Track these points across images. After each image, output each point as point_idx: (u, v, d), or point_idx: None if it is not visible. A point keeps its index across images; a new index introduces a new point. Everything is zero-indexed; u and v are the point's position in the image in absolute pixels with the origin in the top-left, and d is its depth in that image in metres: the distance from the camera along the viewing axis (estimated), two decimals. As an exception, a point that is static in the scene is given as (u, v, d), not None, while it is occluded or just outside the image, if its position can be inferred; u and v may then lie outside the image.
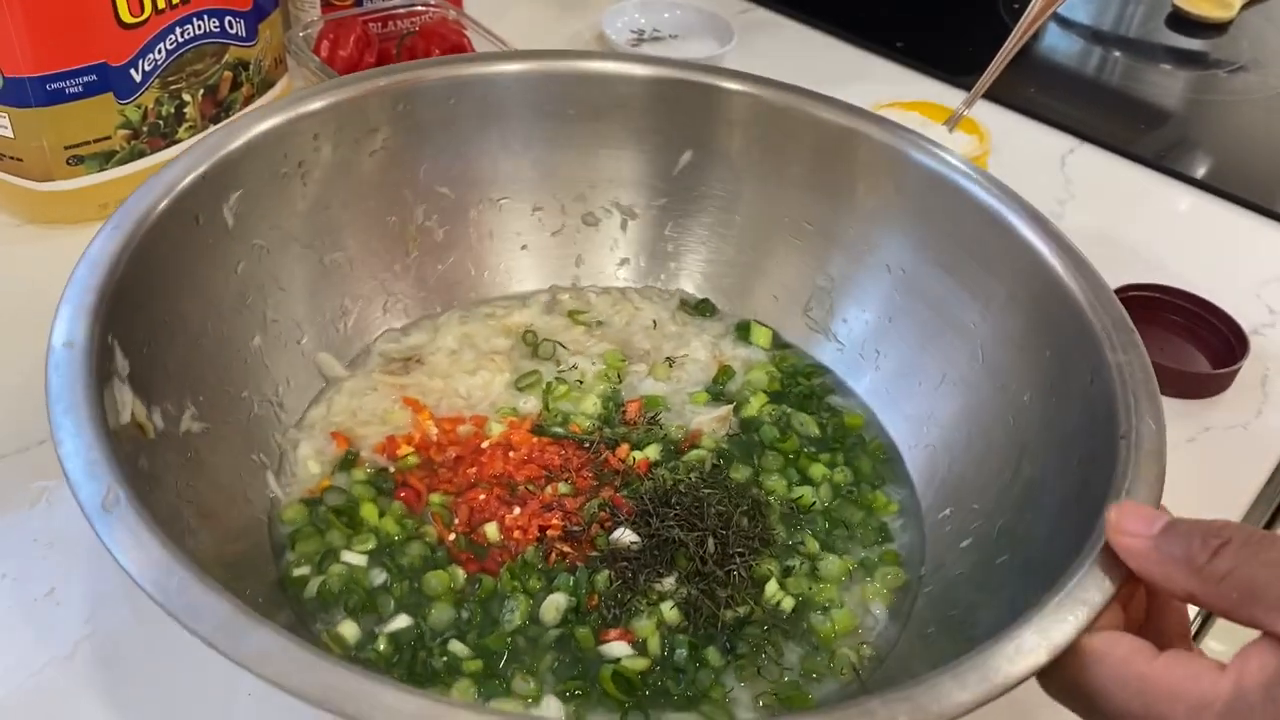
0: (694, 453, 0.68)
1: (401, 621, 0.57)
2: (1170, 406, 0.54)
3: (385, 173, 0.73)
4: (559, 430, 0.69)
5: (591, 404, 0.71)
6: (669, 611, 0.59)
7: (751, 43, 1.14)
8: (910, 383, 0.72)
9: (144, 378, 0.54)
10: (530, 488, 0.64)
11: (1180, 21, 1.29)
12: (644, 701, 0.55)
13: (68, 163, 0.79)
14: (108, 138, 0.80)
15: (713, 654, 0.57)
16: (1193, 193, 1.00)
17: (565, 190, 0.79)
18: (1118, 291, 0.59)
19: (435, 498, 0.63)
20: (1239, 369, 0.79)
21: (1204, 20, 1.28)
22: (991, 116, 1.01)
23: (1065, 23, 1.27)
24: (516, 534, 0.62)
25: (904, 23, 1.20)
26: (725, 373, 0.74)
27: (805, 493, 0.66)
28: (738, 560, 0.61)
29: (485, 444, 0.67)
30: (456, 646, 0.56)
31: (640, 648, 0.57)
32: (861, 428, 0.72)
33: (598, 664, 0.56)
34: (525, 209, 0.79)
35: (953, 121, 0.91)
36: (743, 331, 0.78)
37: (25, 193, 0.80)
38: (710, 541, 0.61)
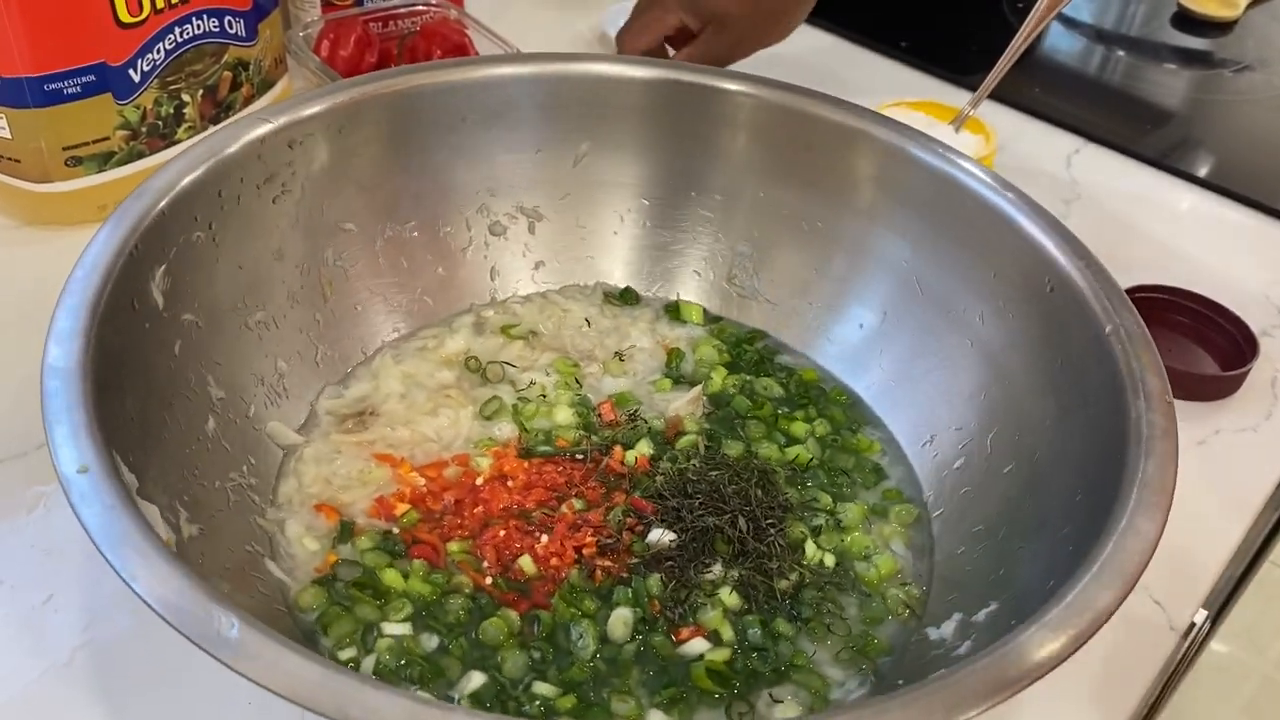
0: (684, 439, 0.68)
1: (476, 680, 0.54)
2: (1179, 409, 0.54)
3: (290, 217, 0.67)
4: (546, 448, 0.67)
5: (565, 415, 0.69)
6: (728, 597, 0.59)
7: None
8: (849, 327, 0.75)
9: (145, 489, 0.48)
10: (547, 511, 0.62)
11: (1185, 21, 1.26)
12: (740, 688, 0.55)
13: (66, 164, 0.78)
14: (106, 138, 0.79)
15: (783, 625, 0.58)
16: (1199, 193, 0.98)
17: (467, 203, 0.76)
18: (1127, 293, 0.60)
19: (454, 546, 0.60)
20: (1248, 371, 0.77)
21: (1209, 19, 1.24)
22: (997, 116, 1.00)
23: (1069, 22, 1.25)
24: (554, 561, 0.60)
25: (909, 23, 1.18)
26: (675, 355, 0.75)
27: (799, 451, 0.68)
28: (772, 531, 0.62)
29: (479, 480, 0.64)
30: (543, 688, 0.54)
31: (715, 639, 0.57)
32: (818, 380, 0.74)
33: (684, 665, 0.56)
34: (431, 230, 0.75)
35: (959, 121, 0.91)
36: (673, 312, 0.78)
37: (23, 194, 0.79)
38: (741, 520, 0.62)
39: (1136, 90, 1.16)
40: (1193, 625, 0.64)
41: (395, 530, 0.61)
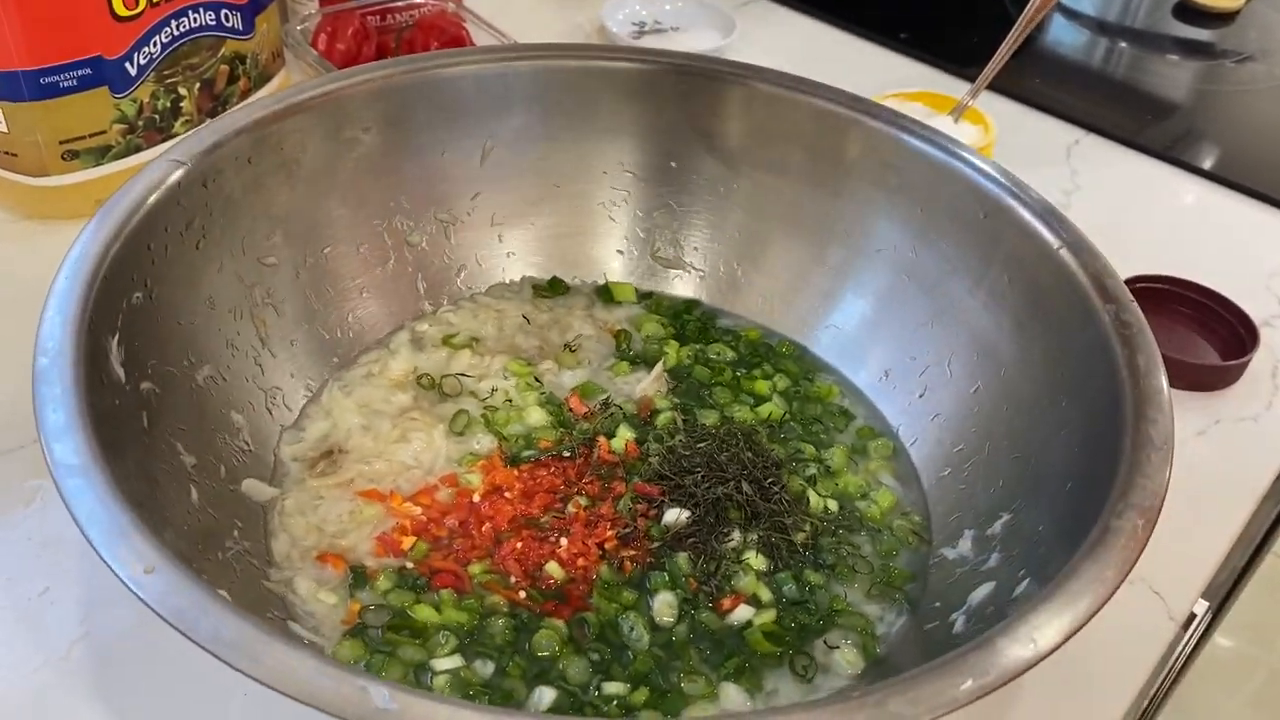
0: (661, 417, 0.68)
1: (547, 695, 0.53)
2: (1179, 399, 0.53)
3: (215, 263, 0.63)
4: (531, 452, 0.66)
5: (538, 416, 0.68)
6: (755, 560, 0.60)
7: (753, 34, 1.10)
8: (780, 282, 0.77)
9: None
10: (556, 515, 0.61)
11: (1187, 11, 1.25)
12: (794, 643, 0.57)
13: (63, 157, 0.77)
14: (103, 132, 0.78)
15: (812, 575, 0.60)
16: (1200, 184, 0.97)
17: (380, 217, 0.73)
18: (1126, 283, 0.59)
19: (475, 568, 0.59)
20: (1249, 361, 0.76)
21: (1211, 10, 1.24)
22: (997, 107, 1.00)
23: (1071, 13, 1.25)
24: (580, 561, 0.59)
25: (908, 13, 1.17)
26: (623, 337, 0.75)
27: (770, 409, 0.70)
28: (776, 489, 0.64)
29: (477, 497, 0.63)
30: (613, 687, 0.54)
31: (755, 602, 0.59)
32: (762, 337, 0.76)
33: (737, 634, 0.57)
34: (350, 251, 0.72)
35: (957, 112, 0.90)
36: (605, 294, 0.78)
37: (20, 188, 0.79)
38: (745, 485, 0.63)
39: (1138, 81, 1.14)
40: (1193, 616, 0.63)
41: (409, 565, 0.59)
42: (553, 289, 0.78)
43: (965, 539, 0.61)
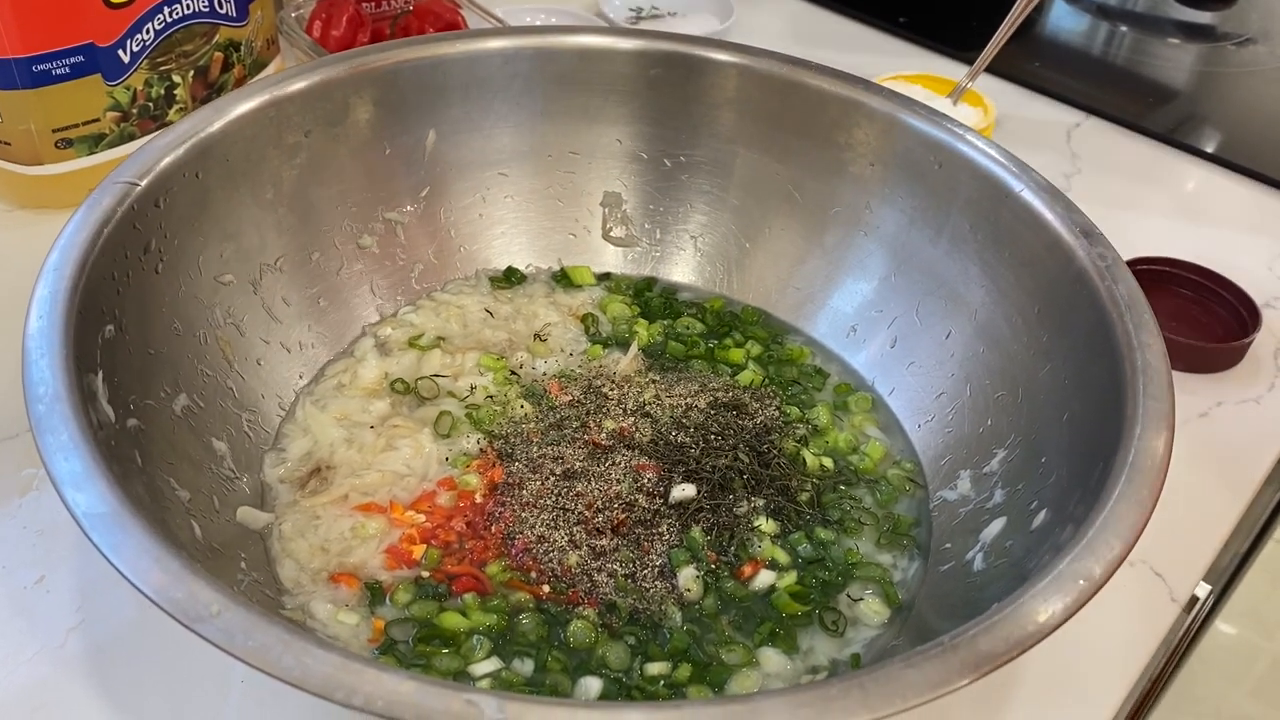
0: (645, 395, 0.68)
1: (593, 684, 0.53)
2: (1181, 381, 0.53)
3: (174, 287, 0.60)
4: (524, 445, 0.65)
5: (522, 409, 0.67)
6: (767, 524, 0.61)
7: (752, 19, 1.08)
8: (730, 249, 0.78)
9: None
10: (563, 503, 0.61)
11: None
12: (819, 600, 0.58)
13: (56, 146, 0.77)
14: (97, 120, 0.78)
15: (823, 532, 0.61)
16: (1202, 166, 0.97)
17: (329, 223, 0.71)
18: (1128, 265, 0.59)
19: (493, 568, 0.58)
20: (1251, 342, 0.76)
21: None
22: (997, 90, 1.00)
23: None
24: (598, 545, 0.59)
25: None
26: (589, 320, 0.74)
27: (750, 376, 0.70)
28: (773, 453, 0.64)
29: (479, 498, 0.61)
30: (656, 667, 0.54)
31: (774, 566, 0.59)
32: (724, 306, 0.77)
33: (763, 600, 0.58)
34: (303, 260, 0.69)
35: (956, 94, 0.89)
36: (563, 279, 0.78)
37: (14, 177, 0.78)
38: (742, 454, 0.64)
39: (1139, 65, 1.14)
40: (1195, 599, 0.63)
41: (424, 574, 0.58)
42: (509, 279, 0.77)
43: (963, 479, 0.63)
